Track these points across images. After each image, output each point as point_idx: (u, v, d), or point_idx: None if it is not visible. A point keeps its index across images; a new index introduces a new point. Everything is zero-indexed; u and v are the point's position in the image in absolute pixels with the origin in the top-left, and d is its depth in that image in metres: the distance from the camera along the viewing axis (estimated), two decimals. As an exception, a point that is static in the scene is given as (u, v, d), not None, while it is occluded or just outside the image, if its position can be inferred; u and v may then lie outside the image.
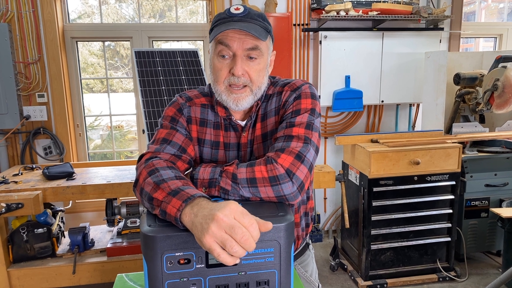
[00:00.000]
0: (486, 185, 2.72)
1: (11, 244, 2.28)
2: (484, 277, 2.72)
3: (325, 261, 3.01)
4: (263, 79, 1.05)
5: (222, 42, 0.98)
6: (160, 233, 0.74)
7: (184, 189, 0.81)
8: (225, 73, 1.01)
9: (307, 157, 0.94)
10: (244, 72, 1.00)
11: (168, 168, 0.92)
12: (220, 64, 1.01)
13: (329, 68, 3.05)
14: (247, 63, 1.00)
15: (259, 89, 1.04)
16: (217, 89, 1.03)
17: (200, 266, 0.76)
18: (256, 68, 1.01)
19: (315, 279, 1.31)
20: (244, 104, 1.03)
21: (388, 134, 2.76)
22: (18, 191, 2.13)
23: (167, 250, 0.74)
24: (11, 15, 2.70)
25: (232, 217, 0.70)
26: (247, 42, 0.98)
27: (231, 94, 1.01)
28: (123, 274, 1.15)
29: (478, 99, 2.80)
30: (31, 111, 2.81)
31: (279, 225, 0.76)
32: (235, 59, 0.99)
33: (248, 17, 0.99)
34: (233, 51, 0.98)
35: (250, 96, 1.03)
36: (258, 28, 0.98)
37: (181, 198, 0.78)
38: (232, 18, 0.98)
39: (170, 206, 0.78)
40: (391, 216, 2.58)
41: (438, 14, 2.98)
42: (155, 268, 0.74)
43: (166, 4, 3.28)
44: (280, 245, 0.77)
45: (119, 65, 3.71)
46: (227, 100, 1.03)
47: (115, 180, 2.29)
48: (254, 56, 1.00)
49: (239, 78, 0.99)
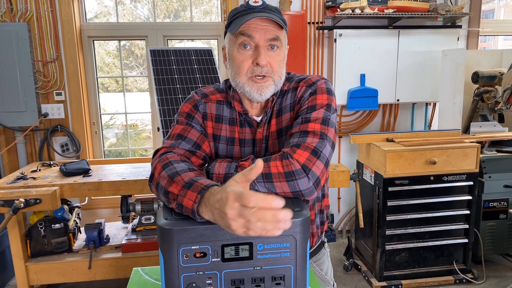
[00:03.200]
0: (505, 186, 2.66)
1: (29, 239, 2.33)
2: (502, 280, 2.66)
3: (339, 261, 2.99)
4: (283, 70, 1.06)
5: (245, 33, 0.99)
6: (177, 226, 0.74)
7: (197, 180, 0.82)
8: (247, 64, 1.01)
9: (323, 152, 0.93)
10: (267, 62, 1.00)
11: (181, 161, 0.93)
12: (242, 56, 1.01)
13: (344, 66, 3.02)
14: (269, 53, 1.00)
15: (280, 80, 1.05)
16: (239, 81, 1.03)
17: (216, 260, 0.76)
18: (278, 58, 1.02)
19: (331, 278, 1.29)
20: (267, 93, 1.03)
21: (404, 133, 2.72)
22: (36, 187, 2.17)
23: (183, 243, 0.74)
24: (30, 15, 2.76)
25: (236, 207, 0.67)
26: (269, 32, 0.99)
27: (255, 83, 1.01)
28: (139, 268, 1.17)
29: (497, 98, 2.74)
30: (49, 109, 2.87)
31: (295, 220, 0.76)
32: (258, 50, 0.99)
33: (267, 9, 1.01)
34: (256, 42, 0.99)
35: (272, 86, 1.03)
36: (278, 19, 0.99)
37: (196, 189, 0.78)
38: (253, 10, 1.00)
39: (186, 199, 0.78)
40: (406, 216, 2.55)
41: (456, 12, 2.93)
42: (171, 261, 0.75)
43: (181, 4, 3.30)
44: (296, 240, 0.77)
45: (133, 65, 3.75)
46: (251, 91, 1.02)
47: (130, 177, 2.31)
48: (276, 45, 1.01)
49: (263, 68, 1.00)
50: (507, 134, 2.77)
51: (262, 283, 0.79)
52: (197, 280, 0.76)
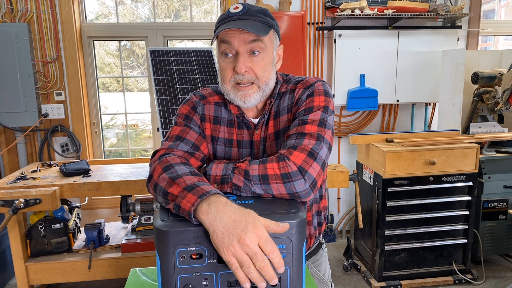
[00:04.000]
0: (504, 187, 2.66)
1: (29, 239, 2.34)
2: (502, 280, 2.66)
3: (338, 261, 2.99)
4: (270, 74, 1.05)
5: (224, 40, 0.99)
6: (173, 228, 0.75)
7: (199, 185, 0.82)
8: (229, 72, 1.01)
9: (319, 154, 0.94)
10: (247, 68, 1.00)
11: (183, 164, 0.93)
12: (224, 63, 1.02)
13: (343, 67, 3.02)
14: (250, 59, 1.00)
15: (266, 85, 1.04)
16: (225, 88, 1.05)
17: (212, 261, 0.76)
18: (260, 63, 1.01)
19: (328, 279, 1.30)
20: (252, 101, 1.03)
21: (404, 133, 2.72)
22: (36, 187, 2.18)
23: (179, 245, 0.74)
24: (30, 15, 2.77)
25: (256, 243, 0.71)
26: (248, 37, 0.98)
27: (238, 91, 1.02)
28: (137, 269, 1.17)
29: (497, 99, 2.74)
30: (49, 109, 2.88)
31: (291, 222, 0.76)
32: (237, 57, 0.99)
33: (247, 15, 0.99)
34: (235, 49, 0.99)
35: (258, 93, 1.03)
36: (257, 24, 0.98)
37: (196, 193, 0.79)
38: (231, 17, 0.99)
39: (184, 201, 0.79)
40: (405, 216, 2.55)
41: (455, 12, 2.93)
42: (168, 262, 0.75)
43: (181, 4, 3.30)
44: (292, 242, 0.77)
45: (134, 64, 3.76)
46: (235, 98, 1.03)
47: (130, 177, 2.32)
48: (257, 50, 0.99)
49: (244, 76, 1.00)
50: (507, 135, 2.77)
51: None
52: (193, 281, 0.77)
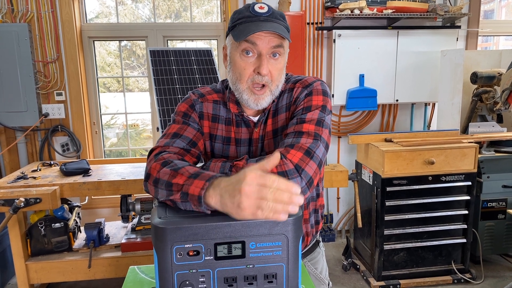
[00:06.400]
0: (503, 186, 2.66)
1: (29, 238, 2.35)
2: (501, 279, 2.67)
3: (338, 261, 3.00)
4: (282, 77, 1.06)
5: (249, 40, 0.97)
6: (170, 225, 0.75)
7: (204, 172, 0.83)
8: (249, 71, 1.00)
9: (316, 153, 0.95)
10: (268, 71, 1.00)
11: (179, 160, 0.94)
12: (244, 62, 1.00)
13: (343, 67, 3.03)
14: (270, 61, 1.00)
15: (277, 88, 1.05)
16: (239, 87, 1.03)
17: (209, 258, 0.77)
18: (278, 66, 1.02)
19: (325, 277, 1.31)
20: (263, 103, 1.04)
21: (403, 133, 2.72)
22: (37, 186, 2.19)
23: (177, 242, 0.75)
24: (31, 16, 2.78)
25: (255, 184, 0.71)
26: (274, 41, 0.98)
27: (253, 94, 1.02)
28: (135, 267, 1.18)
29: (496, 98, 2.75)
30: (50, 109, 2.89)
31: (287, 219, 0.77)
32: (260, 58, 0.98)
33: (273, 17, 0.99)
34: (259, 50, 0.98)
35: (269, 96, 1.04)
36: (282, 28, 0.99)
37: (203, 178, 0.80)
38: (259, 17, 0.98)
39: (192, 187, 0.79)
40: (404, 216, 2.56)
41: (455, 12, 2.93)
42: (165, 259, 0.76)
43: (182, 4, 3.31)
44: (288, 239, 0.78)
45: (135, 64, 3.77)
46: (248, 100, 1.03)
47: (130, 176, 2.33)
48: (278, 52, 1.00)
49: (263, 77, 1.00)
50: (506, 135, 2.77)
51: (255, 281, 0.80)
52: (190, 278, 0.77)
